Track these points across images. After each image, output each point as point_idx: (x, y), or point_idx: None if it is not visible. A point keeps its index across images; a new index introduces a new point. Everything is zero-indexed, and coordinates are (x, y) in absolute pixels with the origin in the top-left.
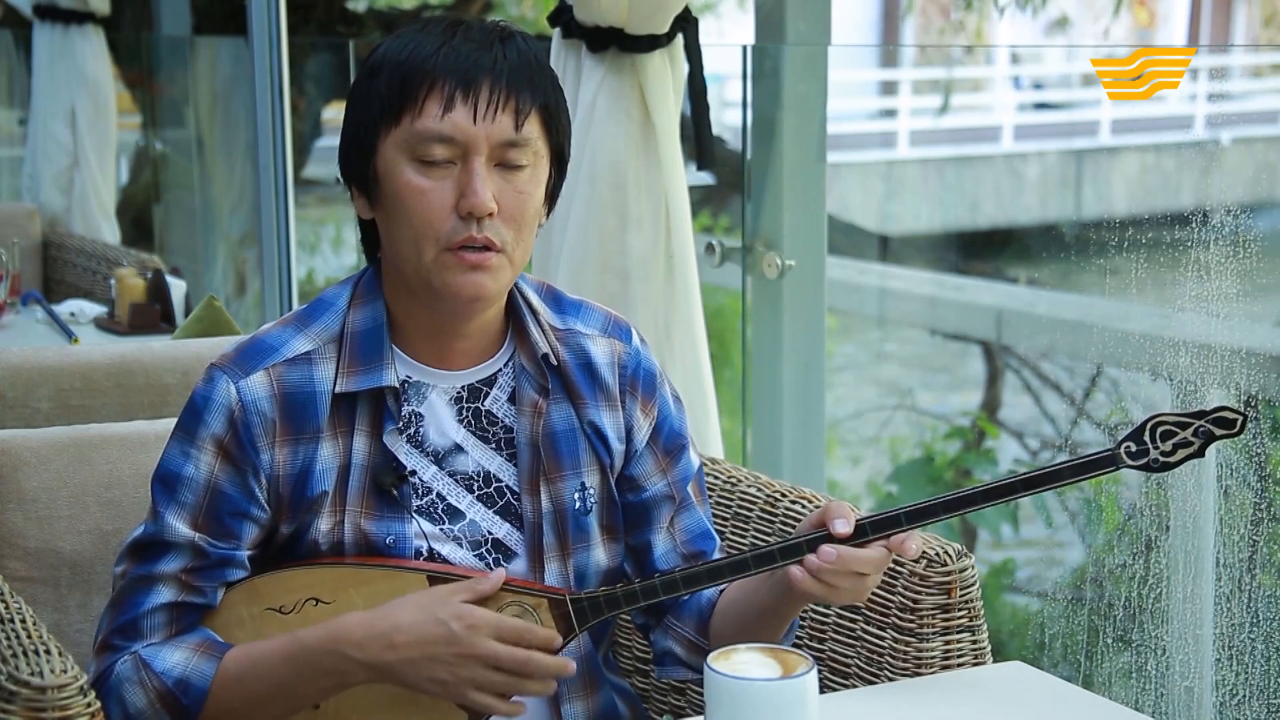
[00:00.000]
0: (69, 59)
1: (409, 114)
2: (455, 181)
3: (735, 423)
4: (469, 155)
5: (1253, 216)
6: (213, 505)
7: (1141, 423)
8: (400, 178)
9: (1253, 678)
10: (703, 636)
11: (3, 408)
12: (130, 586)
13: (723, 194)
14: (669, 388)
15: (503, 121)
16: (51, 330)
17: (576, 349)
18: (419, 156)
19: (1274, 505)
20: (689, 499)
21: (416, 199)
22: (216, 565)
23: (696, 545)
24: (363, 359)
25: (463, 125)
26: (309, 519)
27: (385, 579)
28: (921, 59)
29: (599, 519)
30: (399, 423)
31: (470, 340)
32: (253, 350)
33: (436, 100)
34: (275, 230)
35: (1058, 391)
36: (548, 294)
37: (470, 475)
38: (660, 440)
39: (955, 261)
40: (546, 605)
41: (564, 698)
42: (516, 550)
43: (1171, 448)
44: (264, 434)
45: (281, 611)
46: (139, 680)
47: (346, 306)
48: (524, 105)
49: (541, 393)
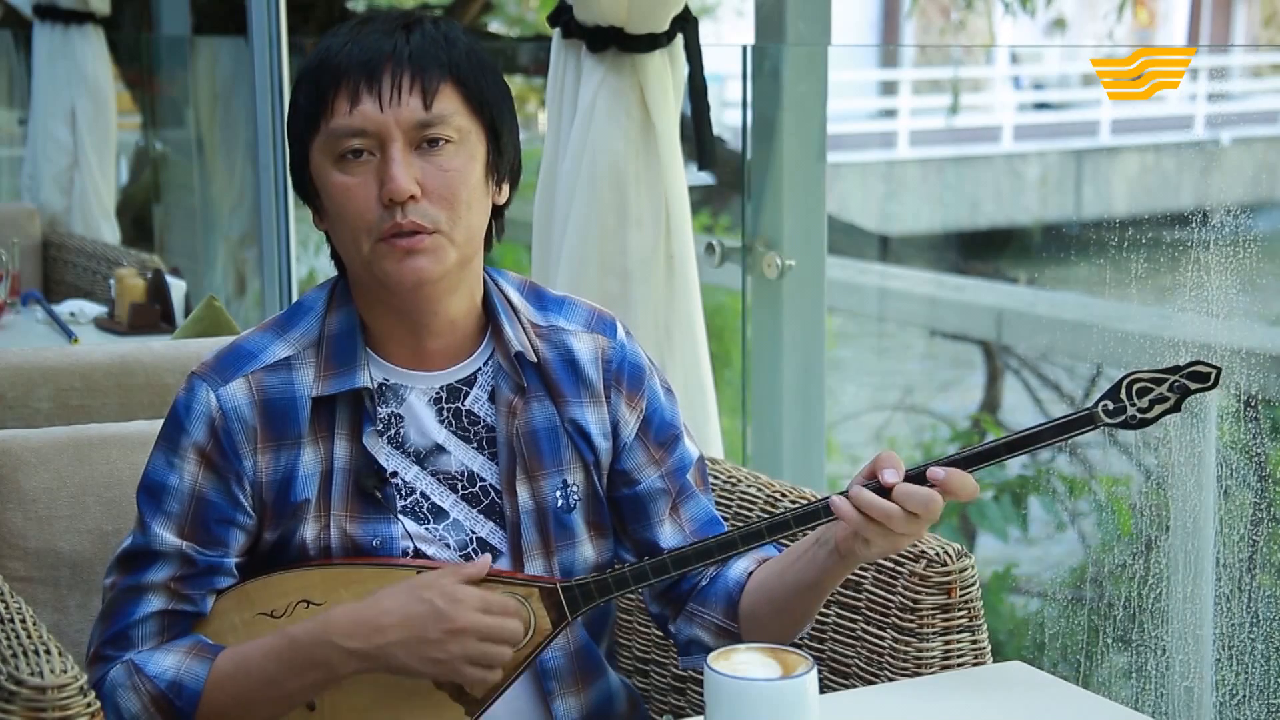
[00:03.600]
0: (69, 59)
1: (324, 117)
2: (375, 172)
3: (735, 422)
4: (384, 144)
5: (1253, 216)
6: (199, 514)
7: (1117, 381)
8: (329, 180)
9: (1253, 678)
10: (732, 620)
11: (3, 408)
12: (120, 597)
13: (723, 194)
14: (659, 380)
15: (411, 104)
16: (51, 330)
17: (559, 345)
18: (339, 154)
19: (1274, 505)
20: (690, 487)
21: (344, 196)
22: (205, 573)
23: (705, 532)
24: (338, 362)
25: (371, 115)
26: (293, 526)
27: (376, 577)
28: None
29: (584, 516)
30: (378, 424)
31: (442, 339)
32: (232, 357)
33: (344, 97)
34: (275, 230)
35: (1058, 392)
36: (530, 291)
37: (453, 475)
38: (651, 432)
39: (955, 261)
40: (538, 595)
41: (555, 694)
42: (501, 549)
43: (1148, 404)
44: (246, 440)
45: (273, 616)
46: (132, 685)
47: (324, 311)
48: (430, 84)
49: (517, 391)
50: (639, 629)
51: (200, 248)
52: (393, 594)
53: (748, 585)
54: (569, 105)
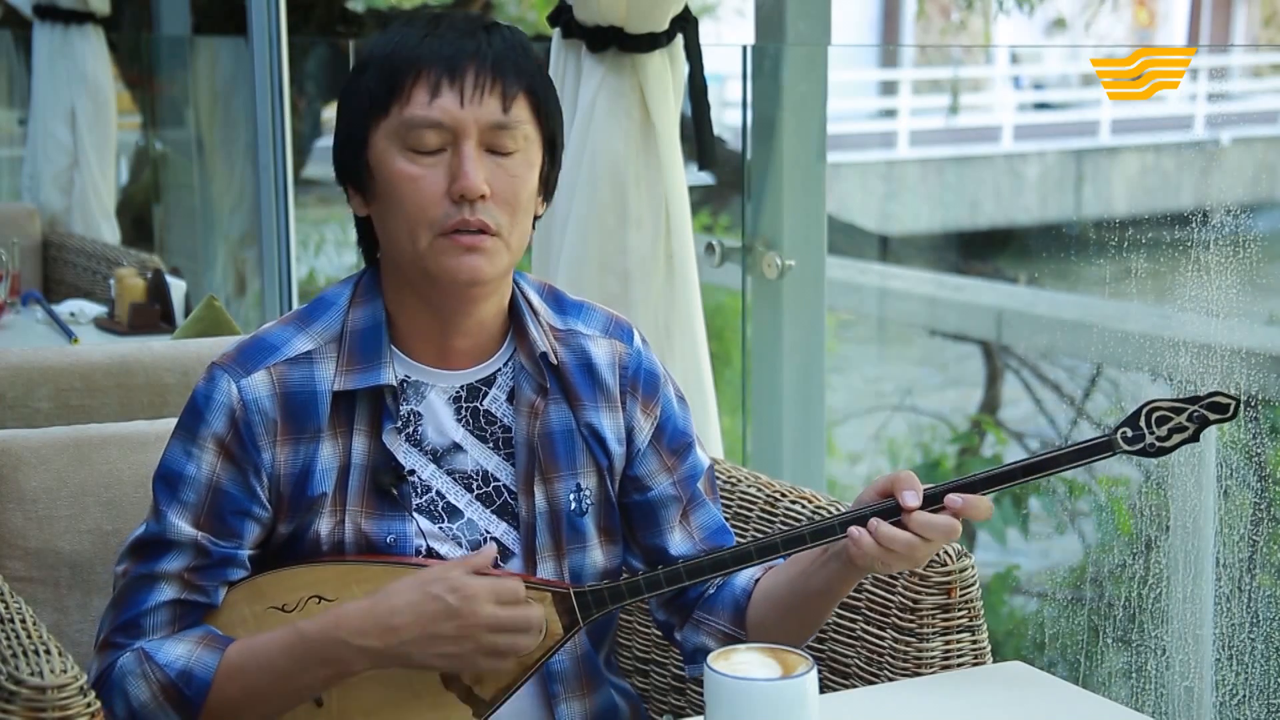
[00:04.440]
0: (69, 59)
1: (397, 103)
2: (446, 167)
3: (735, 422)
4: (459, 140)
5: (1253, 216)
6: (215, 504)
7: (1136, 409)
8: (392, 167)
9: (1253, 678)
10: (739, 627)
11: (3, 408)
12: (132, 585)
13: (723, 194)
14: (673, 388)
15: (490, 105)
16: (51, 330)
17: (577, 349)
18: (409, 144)
19: (1274, 505)
20: (700, 496)
21: (409, 186)
22: (218, 564)
23: (714, 540)
24: (361, 358)
25: (450, 110)
26: (308, 519)
27: (388, 574)
28: (921, 59)
29: (596, 521)
30: (398, 422)
31: (469, 339)
32: (254, 349)
33: (423, 88)
34: (275, 230)
35: (1057, 392)
36: (549, 294)
37: (469, 474)
38: (664, 440)
39: (955, 261)
40: (550, 599)
41: (560, 697)
42: (513, 550)
43: (1167, 433)
44: (265, 433)
45: (284, 610)
46: (142, 673)
47: (347, 306)
48: (510, 89)
49: (540, 392)
50: (639, 629)
51: (200, 248)
52: (402, 591)
53: (754, 593)
54: (569, 105)
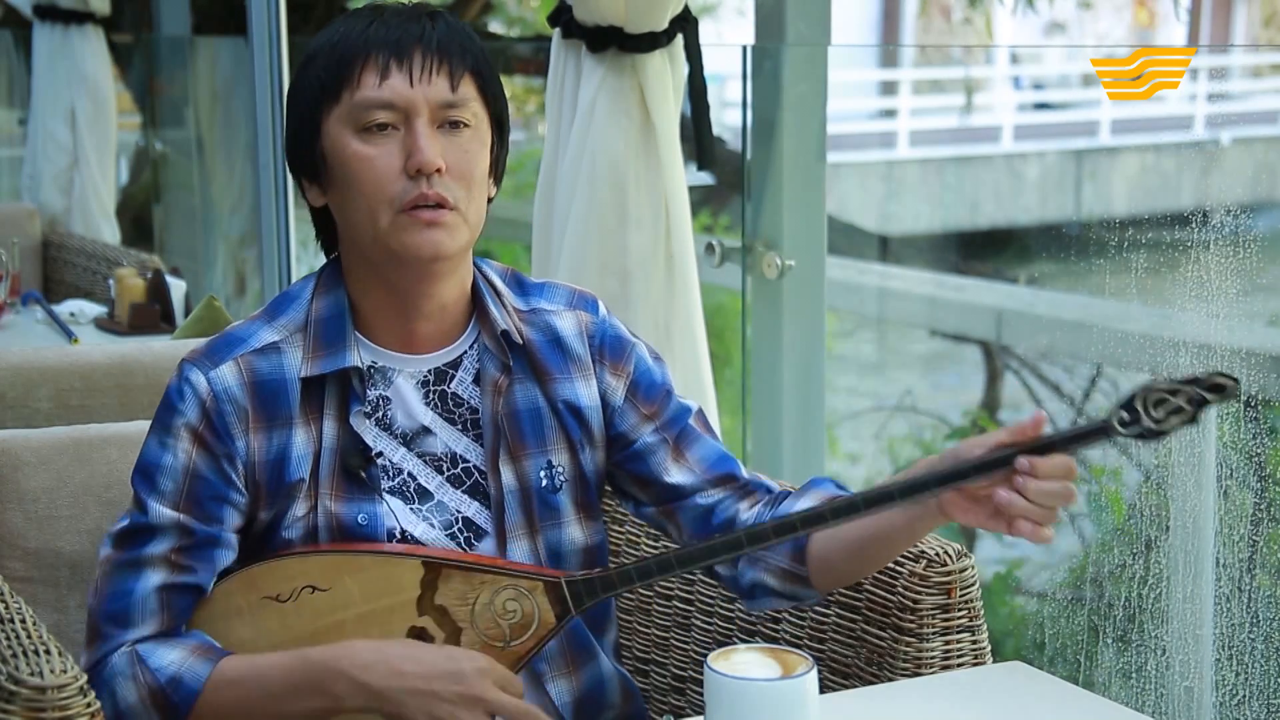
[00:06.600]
0: (69, 59)
1: (348, 89)
2: (401, 144)
3: (735, 422)
4: (411, 118)
5: (1253, 216)
6: (192, 490)
7: (1133, 392)
8: (347, 150)
9: (1253, 678)
10: (799, 564)
11: (3, 408)
12: (116, 571)
13: (723, 194)
14: (645, 348)
15: (439, 84)
16: (51, 330)
17: (543, 327)
18: (363, 126)
19: (1274, 505)
20: (692, 431)
21: (365, 166)
22: (204, 544)
23: (718, 469)
24: (326, 344)
25: (401, 90)
26: (286, 505)
27: (378, 565)
28: (921, 59)
29: (571, 496)
30: (365, 405)
31: (432, 323)
32: (221, 344)
33: (373, 71)
34: (275, 230)
35: (1057, 392)
36: (511, 278)
37: (439, 456)
38: (640, 393)
39: (955, 261)
40: (542, 588)
41: (546, 676)
42: (486, 528)
43: (1164, 415)
44: (237, 421)
45: (279, 600)
46: (132, 675)
47: (310, 297)
48: (457, 69)
49: (503, 370)
50: (639, 629)
51: (200, 248)
52: (426, 648)
53: None
54: (569, 105)
